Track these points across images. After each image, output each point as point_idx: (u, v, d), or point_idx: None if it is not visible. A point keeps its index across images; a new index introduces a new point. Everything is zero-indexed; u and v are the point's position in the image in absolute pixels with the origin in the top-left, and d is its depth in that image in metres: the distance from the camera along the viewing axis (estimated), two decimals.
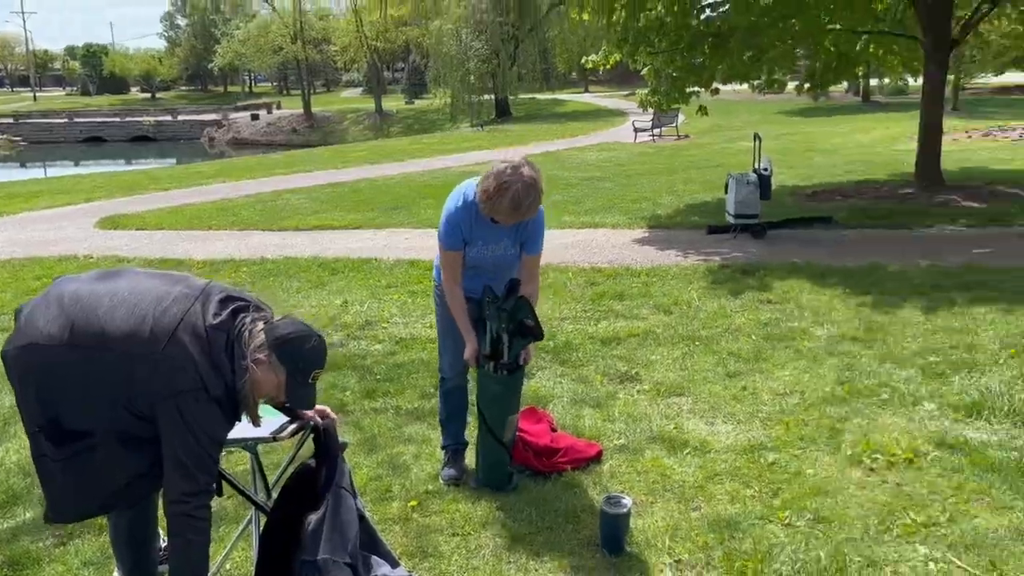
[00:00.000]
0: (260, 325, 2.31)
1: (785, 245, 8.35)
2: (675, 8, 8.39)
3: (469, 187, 3.28)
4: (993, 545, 2.88)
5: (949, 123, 20.30)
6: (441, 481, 3.57)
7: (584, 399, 4.50)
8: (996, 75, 30.04)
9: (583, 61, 11.45)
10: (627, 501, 2.99)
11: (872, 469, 3.51)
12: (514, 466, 3.52)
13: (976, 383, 4.40)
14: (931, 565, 2.79)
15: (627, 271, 7.54)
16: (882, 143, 17.98)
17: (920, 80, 11.28)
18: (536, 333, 3.28)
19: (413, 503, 3.39)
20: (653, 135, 22.78)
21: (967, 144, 17.08)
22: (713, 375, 4.78)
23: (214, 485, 2.33)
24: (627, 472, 3.59)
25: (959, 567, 2.77)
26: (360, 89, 64.70)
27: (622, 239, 9.23)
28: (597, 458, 3.71)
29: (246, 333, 2.28)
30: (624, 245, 8.88)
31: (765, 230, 8.74)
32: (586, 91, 52.42)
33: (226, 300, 2.33)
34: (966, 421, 3.96)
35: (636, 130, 22.77)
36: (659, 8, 8.09)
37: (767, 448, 3.77)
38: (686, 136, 23.03)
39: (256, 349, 2.27)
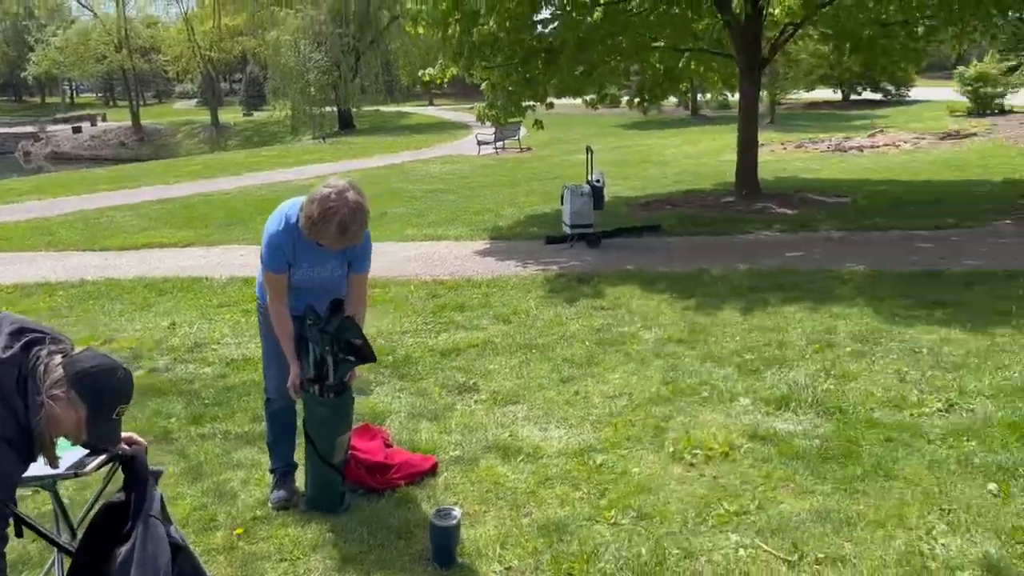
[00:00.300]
0: (57, 359, 2.15)
1: (619, 253, 8.68)
2: (507, 24, 8.57)
3: (291, 209, 3.19)
4: (796, 528, 3.10)
5: (767, 136, 21.86)
6: (270, 505, 3.45)
7: (422, 412, 4.48)
8: (807, 91, 32.64)
9: (420, 75, 11.48)
10: (456, 513, 3.01)
11: (692, 464, 3.70)
12: (346, 485, 3.46)
13: (785, 378, 4.73)
14: (741, 551, 2.97)
15: (468, 282, 7.60)
16: (708, 155, 19.07)
17: (738, 96, 12.06)
18: (366, 354, 3.23)
19: (239, 531, 3.26)
20: (496, 148, 23.11)
21: (782, 155, 18.41)
22: (548, 381, 4.89)
23: (8, 529, 2.15)
24: (461, 483, 3.61)
25: (765, 551, 2.96)
26: (195, 101, 61.89)
27: (464, 251, 9.30)
28: (432, 471, 3.71)
29: (41, 367, 2.12)
30: (466, 257, 8.95)
31: (600, 239, 9.06)
32: (431, 104, 52.54)
33: (18, 332, 2.16)
34: (776, 414, 4.25)
35: (480, 143, 23.03)
36: (491, 24, 8.24)
37: (596, 450, 3.89)
38: (528, 149, 23.52)
39: (53, 384, 2.11)
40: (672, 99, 27.68)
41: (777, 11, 11.59)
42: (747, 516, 3.21)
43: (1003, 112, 23.02)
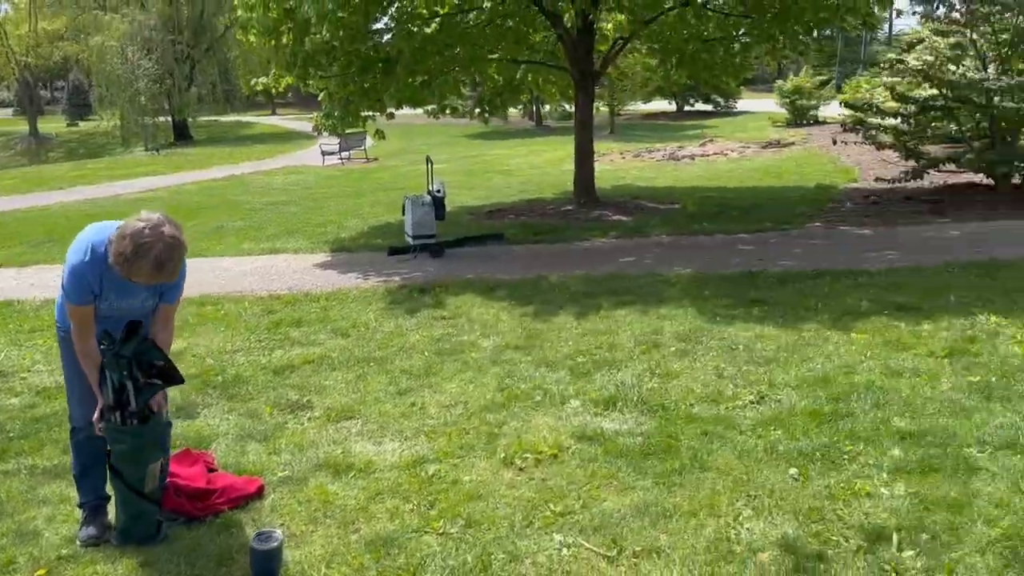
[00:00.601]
0: None
1: (462, 262, 8.74)
2: (341, 33, 8.46)
3: (98, 237, 2.97)
4: (616, 524, 3.22)
5: (607, 146, 22.72)
6: (78, 543, 3.23)
7: (250, 433, 4.34)
8: (645, 103, 34.16)
9: (252, 84, 11.14)
10: (278, 534, 2.92)
11: (522, 469, 3.77)
12: (164, 514, 3.29)
13: (614, 379, 4.91)
14: (564, 551, 3.05)
15: (307, 296, 7.43)
16: (551, 164, 19.55)
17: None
18: (172, 376, 3.08)
19: (41, 572, 3.03)
20: (342, 158, 22.75)
21: (621, 164, 19.15)
22: (384, 394, 4.85)
23: None
24: (289, 504, 3.52)
25: (587, 548, 3.06)
26: (11, 110, 57.30)
27: (304, 264, 9.09)
28: (259, 494, 3.59)
29: None
30: (306, 270, 8.75)
31: (443, 249, 9.09)
32: (274, 113, 51.00)
33: None
34: (604, 414, 4.40)
35: (324, 153, 22.60)
36: (324, 33, 8.10)
37: (429, 461, 3.89)
38: (375, 159, 23.30)
39: None
40: (514, 110, 28.25)
41: (609, 26, 12.09)
42: (571, 516, 3.30)
43: (817, 123, 24.92)
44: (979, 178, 11.67)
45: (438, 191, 9.03)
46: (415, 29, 9.39)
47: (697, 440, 3.97)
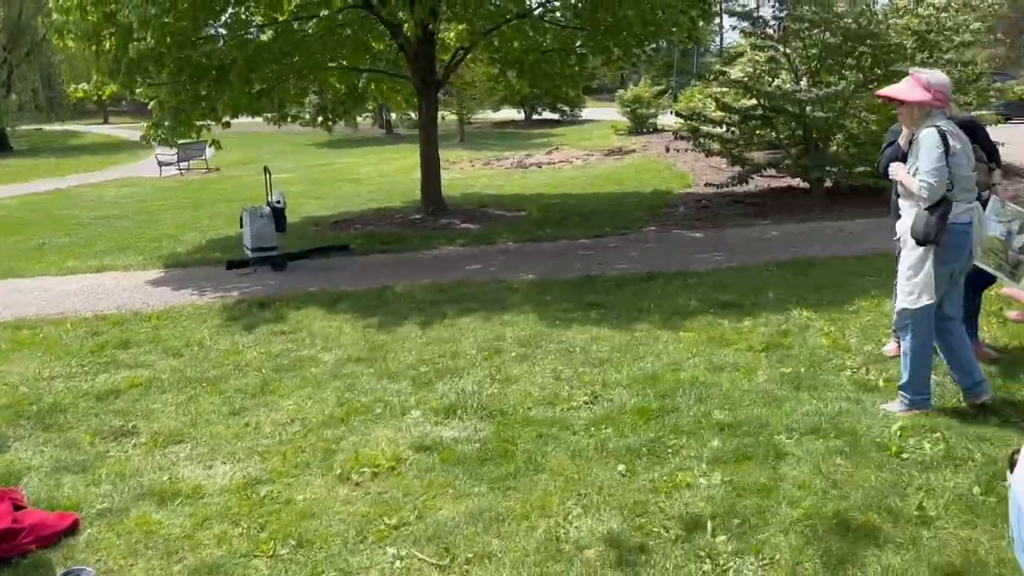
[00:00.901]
0: None
1: (305, 275, 8.55)
2: (168, 40, 8.07)
3: None
4: (450, 532, 3.25)
5: (456, 154, 22.85)
6: None
7: (67, 465, 4.07)
8: (495, 111, 34.60)
9: (71, 90, 10.45)
10: (89, 572, 2.76)
11: (358, 483, 3.74)
12: None
13: (455, 386, 4.95)
14: (397, 563, 3.05)
15: (136, 316, 7.05)
16: (401, 173, 19.44)
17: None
18: None
19: None
20: (180, 169, 21.72)
21: (471, 172, 19.31)
22: (217, 416, 4.68)
23: None
24: (107, 538, 3.32)
25: (420, 559, 3.07)
26: None
27: (135, 281, 8.62)
28: (72, 530, 3.37)
29: None
30: (137, 288, 8.30)
31: (285, 262, 8.86)
32: (106, 122, 47.98)
33: None
34: (444, 422, 4.43)
35: (161, 164, 21.47)
36: (148, 39, 7.70)
37: (262, 482, 3.79)
38: (216, 169, 22.39)
39: None
40: (362, 117, 27.94)
41: (452, 35, 12.18)
42: (406, 527, 3.30)
43: (656, 131, 26.06)
44: (797, 182, 12.59)
45: (278, 202, 8.79)
46: (249, 36, 9.10)
47: (532, 443, 4.06)
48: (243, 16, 9.76)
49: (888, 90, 4.11)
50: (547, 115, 36.72)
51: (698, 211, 11.67)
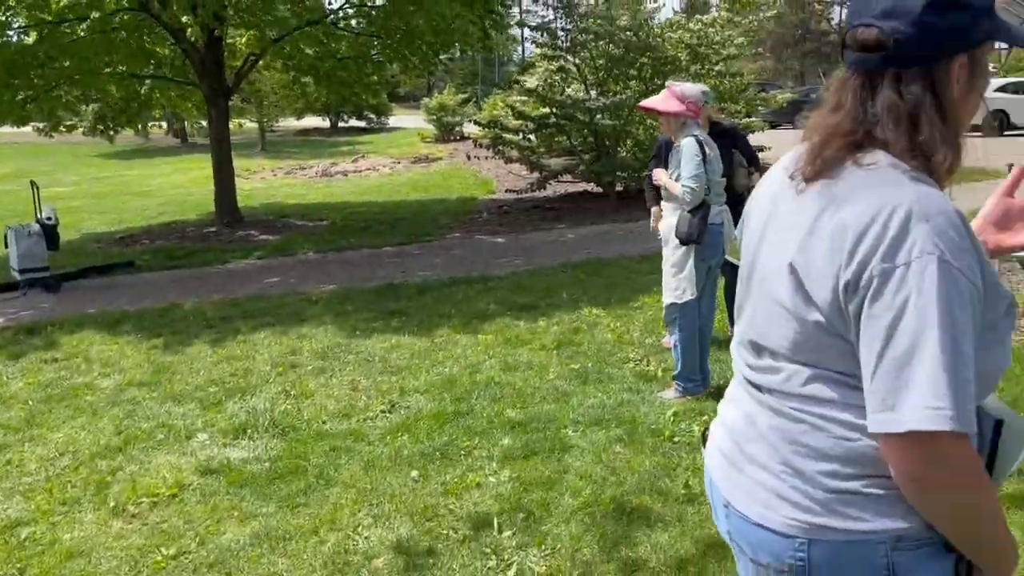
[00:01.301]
0: None
1: (83, 296, 7.93)
2: None
3: None
4: (233, 556, 3.13)
5: (257, 163, 22.07)
6: None
7: None
8: (298, 119, 33.64)
9: None
10: None
11: (134, 515, 3.51)
12: None
13: (246, 405, 4.77)
14: None
15: None
16: (196, 183, 18.47)
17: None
18: None
19: None
20: None
21: (272, 182, 18.68)
22: None
23: None
24: None
25: None
26: None
27: None
28: None
29: None
30: None
31: (60, 283, 8.17)
32: None
33: None
34: (233, 443, 4.25)
35: None
36: None
37: (23, 523, 3.47)
38: None
39: None
40: (154, 126, 26.36)
41: (243, 40, 11.73)
42: (186, 556, 3.15)
43: (462, 138, 26.43)
44: (591, 187, 13.21)
45: (48, 218, 8.10)
46: (6, 39, 8.32)
47: (325, 457, 3.99)
48: (2, 17, 8.91)
49: (647, 102, 4.42)
50: (354, 123, 36.27)
51: (500, 217, 11.96)
